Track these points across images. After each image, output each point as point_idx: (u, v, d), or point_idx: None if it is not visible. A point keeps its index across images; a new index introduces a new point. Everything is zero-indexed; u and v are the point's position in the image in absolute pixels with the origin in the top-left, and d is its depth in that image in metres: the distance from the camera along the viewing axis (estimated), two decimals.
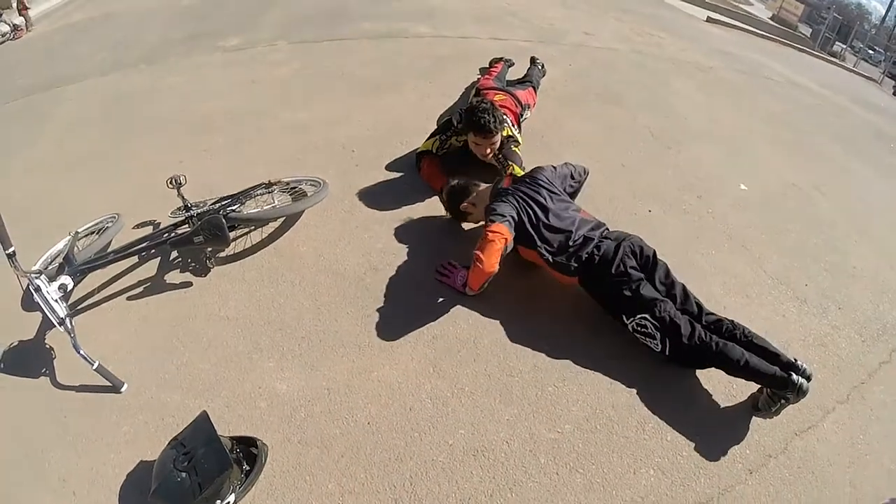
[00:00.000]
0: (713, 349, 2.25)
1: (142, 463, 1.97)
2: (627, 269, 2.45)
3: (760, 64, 8.38)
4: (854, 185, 4.67)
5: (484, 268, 2.42)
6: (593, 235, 2.59)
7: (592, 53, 6.43)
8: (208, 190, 3.19)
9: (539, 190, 2.73)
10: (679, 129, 4.71)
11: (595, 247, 2.53)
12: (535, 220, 2.62)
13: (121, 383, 2.22)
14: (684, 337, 2.29)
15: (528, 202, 2.66)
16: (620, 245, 2.52)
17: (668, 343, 2.32)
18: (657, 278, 2.49)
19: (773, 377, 2.18)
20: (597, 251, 2.52)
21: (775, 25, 17.49)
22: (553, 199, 2.72)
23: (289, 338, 2.44)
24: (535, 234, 2.59)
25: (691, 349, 2.29)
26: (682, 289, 2.49)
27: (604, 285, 2.50)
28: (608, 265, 2.47)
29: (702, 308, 2.45)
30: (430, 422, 2.13)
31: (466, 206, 2.89)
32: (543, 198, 2.69)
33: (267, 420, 2.12)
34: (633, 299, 2.39)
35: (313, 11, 7.07)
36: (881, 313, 3.10)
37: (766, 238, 3.46)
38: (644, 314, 2.36)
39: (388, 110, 4.35)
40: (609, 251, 2.51)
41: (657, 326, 2.33)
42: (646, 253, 2.54)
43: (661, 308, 2.34)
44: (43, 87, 5.45)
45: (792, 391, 2.15)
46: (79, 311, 2.59)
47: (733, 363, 2.23)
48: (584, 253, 2.53)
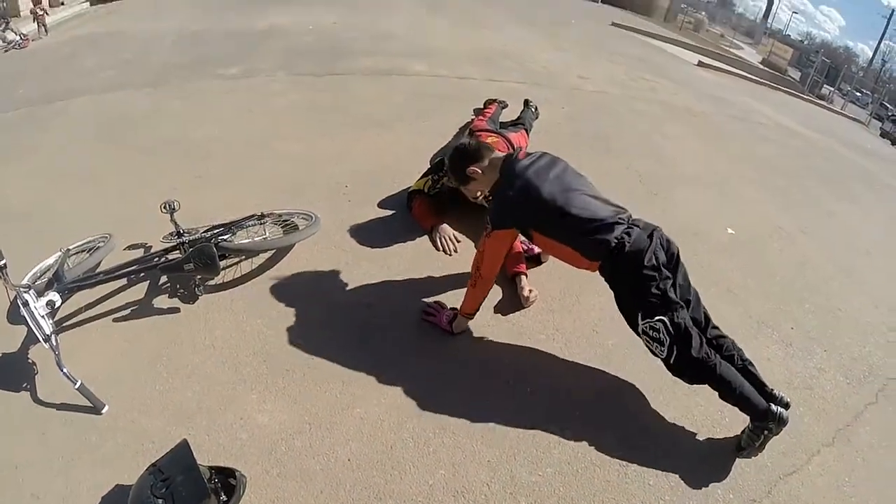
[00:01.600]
0: (716, 369, 2.18)
1: (118, 486, 1.93)
2: (660, 263, 2.22)
3: (750, 108, 8.59)
4: (840, 227, 4.74)
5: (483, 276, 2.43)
6: (622, 219, 2.32)
7: (586, 97, 6.59)
8: (201, 217, 3.21)
9: (560, 163, 2.50)
10: (669, 173, 4.80)
11: (625, 232, 2.25)
12: (556, 196, 2.31)
13: (102, 405, 2.20)
14: (694, 349, 2.17)
15: (546, 175, 2.37)
16: (652, 234, 2.28)
17: (677, 351, 2.19)
18: (678, 280, 2.29)
19: (757, 407, 2.16)
20: (627, 237, 2.24)
21: (765, 69, 17.97)
22: (576, 174, 2.51)
23: (273, 370, 2.43)
24: (558, 212, 2.29)
25: (696, 363, 2.19)
26: (696, 295, 2.37)
27: (629, 277, 2.25)
28: (640, 256, 2.21)
29: (709, 320, 2.38)
30: (411, 461, 2.11)
31: (473, 171, 2.52)
32: (565, 171, 2.47)
33: (247, 451, 2.10)
34: (659, 297, 2.20)
35: (314, 46, 7.27)
36: (867, 354, 3.11)
37: (752, 281, 3.49)
38: (663, 317, 2.18)
39: (382, 147, 4.43)
40: (641, 240, 2.24)
41: (670, 332, 2.18)
42: (672, 249, 2.31)
43: (679, 314, 2.20)
44: (45, 100, 5.56)
45: (773, 420, 2.13)
46: (64, 328, 2.58)
47: (730, 388, 2.18)
48: (612, 237, 2.24)
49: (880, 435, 2.59)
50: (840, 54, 72.14)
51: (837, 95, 22.86)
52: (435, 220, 3.36)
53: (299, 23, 8.50)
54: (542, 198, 2.29)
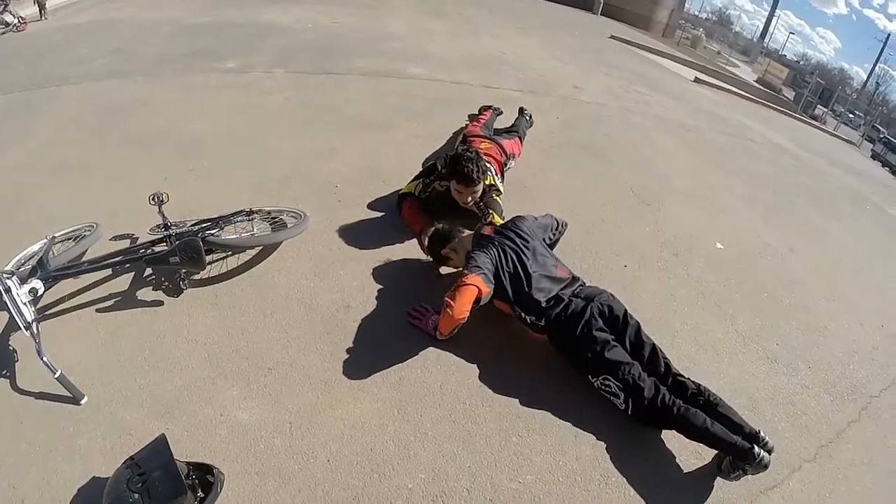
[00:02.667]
0: (674, 413, 2.25)
1: (94, 478, 1.91)
2: (593, 331, 2.45)
3: (744, 125, 8.65)
4: (828, 245, 4.78)
5: (454, 315, 2.40)
6: (564, 295, 2.60)
7: (580, 107, 6.61)
8: (189, 210, 3.20)
9: (519, 242, 2.72)
10: (660, 187, 4.82)
11: (564, 306, 2.54)
12: (514, 275, 2.61)
13: (81, 395, 2.17)
14: (646, 399, 2.30)
15: (508, 254, 2.66)
16: (589, 306, 2.53)
17: (632, 403, 2.33)
18: (627, 337, 2.49)
19: (734, 446, 2.16)
20: (564, 311, 2.53)
21: (760, 88, 18.17)
22: (533, 253, 2.72)
23: (255, 368, 2.40)
24: (511, 289, 2.59)
25: (653, 410, 2.29)
26: (651, 348, 2.48)
27: (569, 344, 2.51)
28: (574, 325, 2.48)
29: (669, 368, 2.45)
30: (391, 464, 2.09)
31: (447, 252, 2.88)
32: (523, 251, 2.69)
33: (226, 448, 2.07)
34: (595, 360, 2.41)
35: (312, 44, 7.26)
36: (851, 372, 3.13)
37: (739, 297, 3.50)
38: (607, 375, 2.38)
39: (375, 148, 4.42)
40: (576, 311, 2.52)
41: (620, 387, 2.35)
42: (615, 312, 2.55)
43: (624, 370, 2.35)
44: (38, 85, 5.52)
45: (750, 463, 2.13)
46: (46, 317, 2.55)
47: (694, 429, 2.22)
48: (552, 312, 2.53)
49: (862, 452, 2.61)
50: (834, 76, 73.08)
51: (830, 116, 23.08)
52: (424, 223, 3.35)
53: (299, 20, 8.49)
54: (501, 281, 2.58)
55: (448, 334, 2.57)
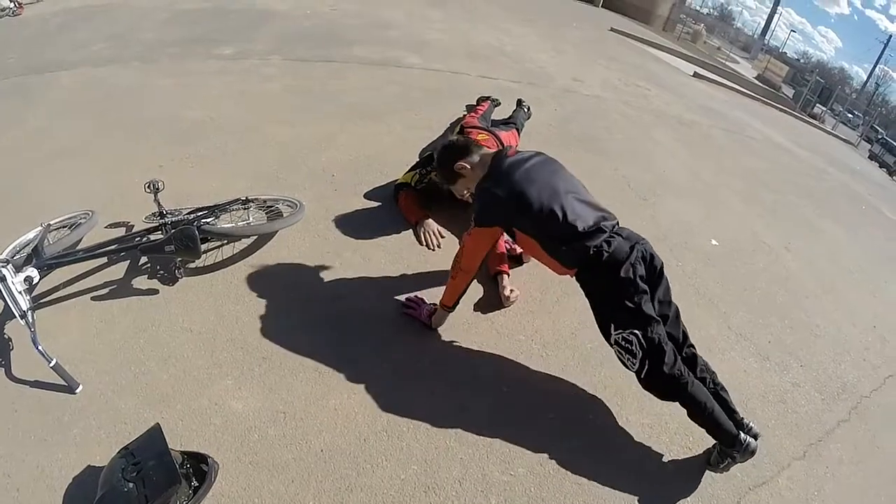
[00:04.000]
0: (687, 388, 2.16)
1: (89, 467, 1.91)
2: (636, 276, 2.17)
3: (742, 122, 8.66)
4: (823, 244, 4.79)
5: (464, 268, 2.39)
6: (605, 227, 2.26)
7: (579, 99, 6.59)
8: (185, 198, 3.18)
9: (551, 162, 2.47)
10: (657, 181, 4.82)
11: (605, 241, 2.21)
12: (543, 197, 2.24)
13: (76, 384, 2.17)
14: (666, 365, 2.14)
15: (535, 175, 2.32)
16: (634, 247, 2.23)
17: (648, 366, 2.16)
18: (657, 295, 2.27)
19: (727, 433, 2.17)
20: (606, 246, 2.20)
21: (760, 85, 18.15)
22: (566, 175, 2.46)
23: (249, 357, 2.40)
24: (542, 214, 2.23)
25: (667, 379, 2.16)
26: (675, 311, 2.34)
27: (605, 286, 2.22)
28: (617, 266, 2.17)
29: (686, 337, 2.35)
30: (384, 454, 2.10)
31: (461, 167, 2.46)
32: (555, 171, 2.42)
33: (220, 438, 2.08)
34: (633, 311, 2.16)
35: (310, 31, 7.20)
36: (842, 372, 3.15)
37: (733, 294, 3.52)
38: (636, 330, 2.15)
39: (372, 138, 4.40)
40: (621, 251, 2.20)
41: (642, 346, 2.15)
42: (654, 263, 2.28)
43: (653, 328, 2.16)
44: (34, 70, 5.46)
45: (738, 450, 2.14)
46: (41, 305, 2.53)
47: (700, 408, 2.17)
48: (592, 244, 2.20)
49: (851, 452, 2.63)
50: (834, 75, 73.10)
51: (829, 115, 23.14)
52: (420, 214, 3.35)
53: (297, 6, 8.42)
54: (528, 199, 2.22)
55: (452, 306, 2.54)
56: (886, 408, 3.00)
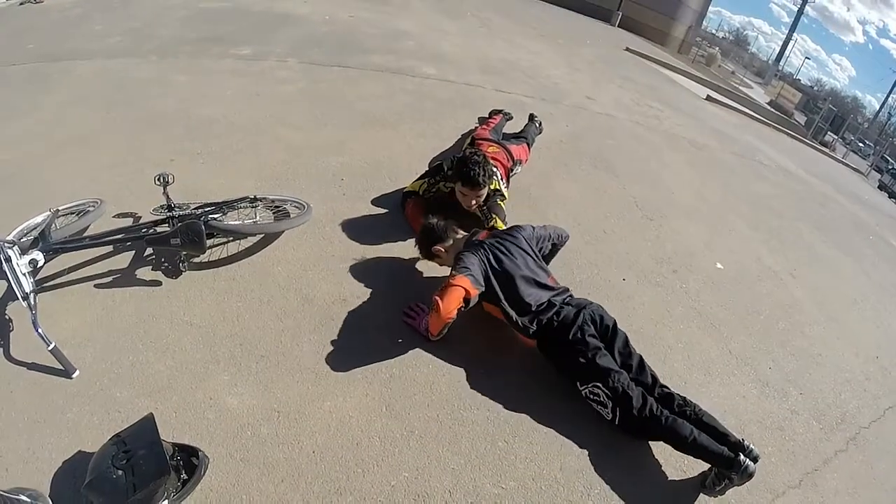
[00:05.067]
0: (662, 423, 2.26)
1: (80, 452, 1.92)
2: (585, 336, 2.46)
3: (753, 147, 8.64)
4: (829, 273, 4.77)
5: (441, 314, 2.41)
6: (556, 301, 2.60)
7: (591, 117, 6.61)
8: (194, 193, 3.20)
9: (512, 249, 2.71)
10: (665, 203, 4.82)
11: (556, 312, 2.55)
12: (504, 279, 2.59)
13: (73, 369, 2.18)
14: (635, 409, 2.29)
15: (500, 258, 2.64)
16: (581, 312, 2.54)
17: (619, 412, 2.33)
18: (616, 348, 2.51)
19: (721, 456, 2.18)
20: (556, 316, 2.54)
21: (772, 111, 18.12)
22: (525, 260, 2.71)
23: (247, 354, 2.41)
24: (501, 292, 2.57)
25: (641, 421, 2.29)
26: (638, 360, 2.51)
27: (560, 350, 2.51)
28: (566, 331, 2.49)
29: (656, 380, 2.47)
30: (376, 460, 2.09)
31: (437, 250, 2.84)
32: (515, 257, 2.68)
33: (213, 432, 2.08)
34: (586, 366, 2.40)
35: (328, 37, 7.25)
36: (842, 402, 3.13)
37: (736, 318, 3.50)
38: (597, 382, 2.37)
39: (382, 145, 4.42)
40: (568, 317, 2.53)
41: (609, 395, 2.34)
42: (605, 322, 2.57)
43: (614, 378, 2.35)
44: (52, 58, 5.53)
45: (737, 472, 2.14)
46: (44, 289, 2.55)
47: (681, 439, 2.23)
48: (545, 317, 2.54)
49: (847, 482, 2.61)
50: (847, 103, 73.04)
51: (840, 144, 23.11)
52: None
53: (315, 11, 8.49)
54: (491, 283, 2.57)
55: (438, 335, 2.58)
56: (885, 439, 2.97)
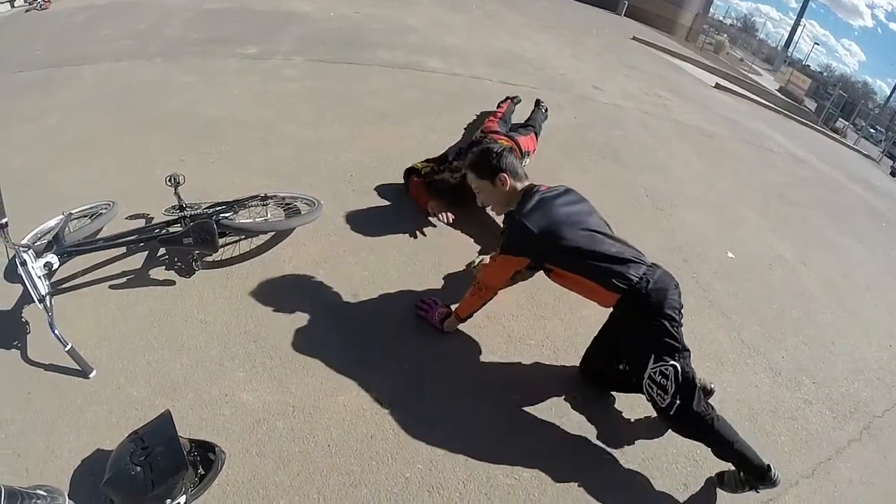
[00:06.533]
0: (713, 424, 2.13)
1: (98, 451, 1.95)
2: (678, 307, 2.19)
3: (763, 134, 8.57)
4: (841, 261, 4.73)
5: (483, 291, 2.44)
6: (643, 260, 2.27)
7: (598, 108, 6.58)
8: (205, 193, 3.22)
9: (580, 203, 2.43)
10: (674, 192, 4.80)
11: (647, 272, 2.21)
12: (576, 233, 2.23)
13: (90, 369, 2.21)
14: (696, 401, 2.11)
15: (570, 217, 2.29)
16: (672, 280, 2.25)
17: (679, 401, 2.10)
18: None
19: (759, 468, 2.11)
20: (650, 275, 2.20)
21: (782, 98, 17.95)
22: (595, 216, 2.42)
23: (262, 350, 2.43)
24: (580, 251, 2.21)
25: (694, 416, 2.12)
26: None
27: (647, 317, 2.17)
28: (662, 294, 2.16)
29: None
30: (390, 452, 2.12)
31: (503, 178, 2.40)
32: (588, 214, 2.39)
33: (229, 428, 2.11)
34: (672, 342, 2.13)
35: (333, 33, 7.26)
36: (856, 391, 3.11)
37: (747, 307, 3.49)
38: (674, 362, 2.10)
39: (391, 140, 4.43)
40: (665, 280, 2.21)
41: (677, 380, 2.09)
42: (681, 300, 2.26)
43: (688, 362, 2.14)
44: (59, 63, 5.56)
45: (768, 483, 2.11)
46: (60, 291, 2.59)
47: (726, 444, 2.13)
48: (634, 274, 2.18)
49: (860, 472, 2.60)
50: (858, 89, 72.07)
51: (851, 130, 22.81)
52: (429, 197, 3.48)
53: (320, 9, 8.49)
54: (561, 233, 2.21)
55: (466, 318, 2.59)
56: None
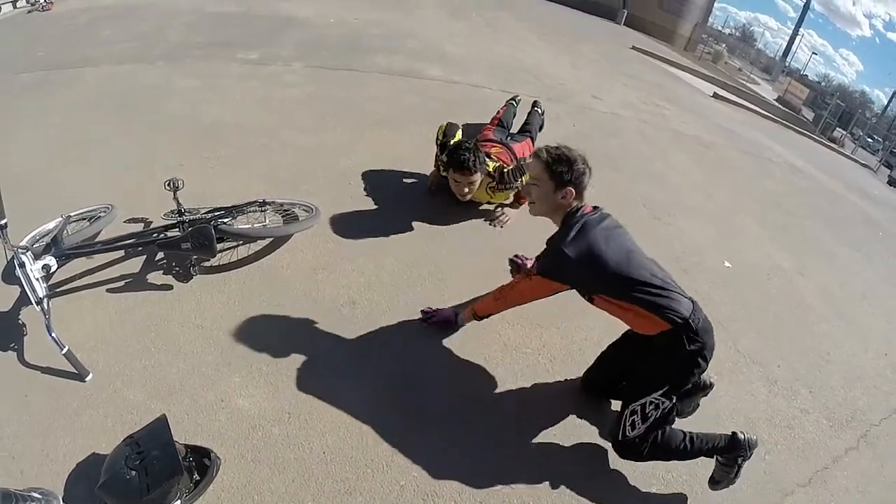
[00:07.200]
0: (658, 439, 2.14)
1: (94, 454, 1.95)
2: (709, 351, 2.12)
3: (761, 144, 8.59)
4: (838, 270, 4.74)
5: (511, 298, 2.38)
6: (683, 292, 2.17)
7: (597, 117, 6.60)
8: (204, 198, 3.23)
9: (620, 229, 2.31)
10: (672, 202, 4.81)
11: (695, 308, 2.12)
12: (623, 264, 2.10)
13: (87, 372, 2.21)
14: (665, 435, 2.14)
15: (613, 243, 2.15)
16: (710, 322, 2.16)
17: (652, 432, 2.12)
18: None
19: (720, 443, 2.16)
20: (698, 314, 2.10)
21: (780, 107, 18.02)
22: (634, 243, 2.28)
23: (258, 356, 2.43)
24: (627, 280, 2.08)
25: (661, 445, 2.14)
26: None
27: (686, 353, 2.07)
28: (706, 338, 2.09)
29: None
30: (385, 460, 2.11)
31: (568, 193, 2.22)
32: (626, 237, 2.28)
33: (224, 433, 2.10)
34: (692, 382, 2.17)
35: (334, 39, 7.30)
36: (852, 399, 3.12)
37: (744, 316, 3.49)
38: (674, 400, 2.12)
39: (390, 147, 4.44)
40: (709, 323, 2.14)
41: (664, 415, 2.11)
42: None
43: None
44: (60, 65, 5.59)
45: (743, 450, 2.13)
46: (57, 293, 2.59)
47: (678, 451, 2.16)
48: (686, 309, 2.08)
49: (857, 480, 2.60)
50: (855, 98, 72.46)
51: (849, 139, 22.94)
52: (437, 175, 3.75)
53: (321, 14, 8.53)
54: (606, 268, 2.07)
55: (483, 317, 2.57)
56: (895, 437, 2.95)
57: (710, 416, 2.58)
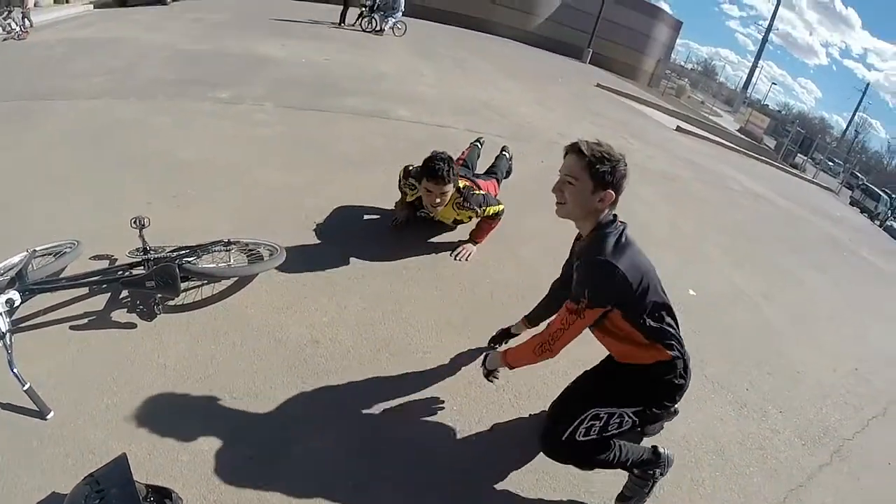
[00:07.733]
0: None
1: (53, 494, 1.87)
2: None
3: (725, 175, 8.85)
4: (804, 292, 4.85)
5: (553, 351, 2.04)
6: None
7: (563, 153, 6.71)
8: (169, 236, 3.20)
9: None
10: (637, 235, 4.76)
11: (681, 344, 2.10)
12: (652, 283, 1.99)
13: (48, 410, 2.14)
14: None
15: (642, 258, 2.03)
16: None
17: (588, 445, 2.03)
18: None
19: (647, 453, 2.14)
20: (682, 348, 2.09)
21: (742, 137, 18.61)
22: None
23: (220, 397, 2.37)
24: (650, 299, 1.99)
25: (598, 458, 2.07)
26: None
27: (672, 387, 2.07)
28: (688, 374, 2.09)
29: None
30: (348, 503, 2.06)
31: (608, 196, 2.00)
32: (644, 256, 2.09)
33: (186, 474, 2.03)
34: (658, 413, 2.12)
35: (304, 80, 7.42)
36: (823, 416, 3.15)
37: (710, 343, 3.50)
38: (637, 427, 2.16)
39: (357, 187, 4.47)
40: (689, 358, 2.11)
41: (616, 429, 2.01)
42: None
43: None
44: (33, 96, 5.57)
45: (662, 465, 2.13)
46: (20, 329, 2.52)
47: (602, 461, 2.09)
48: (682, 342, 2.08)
49: (833, 495, 2.60)
50: (815, 125, 75.31)
51: (810, 164, 23.71)
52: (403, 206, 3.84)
53: (293, 55, 8.66)
54: (648, 287, 1.96)
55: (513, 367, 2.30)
56: (870, 449, 2.99)
57: (677, 442, 2.58)
